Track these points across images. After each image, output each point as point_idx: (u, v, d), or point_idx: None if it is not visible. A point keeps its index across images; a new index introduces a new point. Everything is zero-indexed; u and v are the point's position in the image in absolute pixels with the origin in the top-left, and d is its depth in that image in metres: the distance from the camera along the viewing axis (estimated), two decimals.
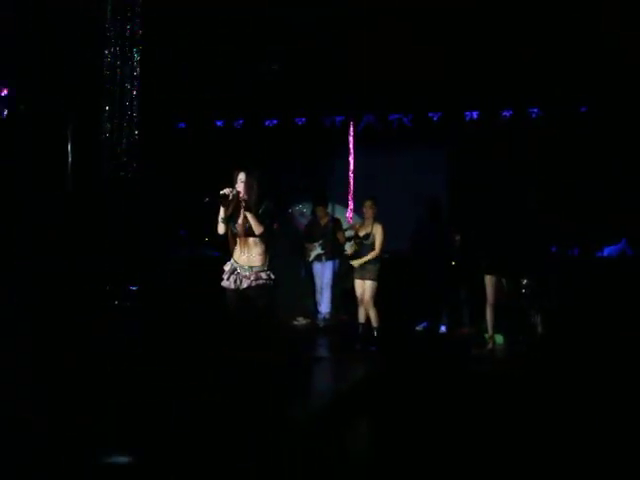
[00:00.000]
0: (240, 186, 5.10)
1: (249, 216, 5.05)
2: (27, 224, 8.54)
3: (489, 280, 7.12)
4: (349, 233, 8.53)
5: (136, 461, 3.87)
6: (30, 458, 3.80)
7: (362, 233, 7.44)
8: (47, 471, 3.67)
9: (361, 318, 7.52)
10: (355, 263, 7.39)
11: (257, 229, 5.06)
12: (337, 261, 8.81)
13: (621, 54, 7.56)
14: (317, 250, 8.71)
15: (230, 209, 5.13)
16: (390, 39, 7.91)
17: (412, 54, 8.00)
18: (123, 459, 3.94)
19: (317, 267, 8.82)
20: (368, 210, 7.46)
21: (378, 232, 7.33)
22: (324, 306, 8.77)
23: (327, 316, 8.74)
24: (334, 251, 8.76)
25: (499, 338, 7.75)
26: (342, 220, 9.06)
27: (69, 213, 7.93)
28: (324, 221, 8.85)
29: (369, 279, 7.34)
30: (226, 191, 5.04)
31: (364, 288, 7.42)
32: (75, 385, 5.45)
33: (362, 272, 7.40)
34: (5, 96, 8.50)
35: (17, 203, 8.72)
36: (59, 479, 3.61)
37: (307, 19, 7.66)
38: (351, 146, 8.00)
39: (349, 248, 7.66)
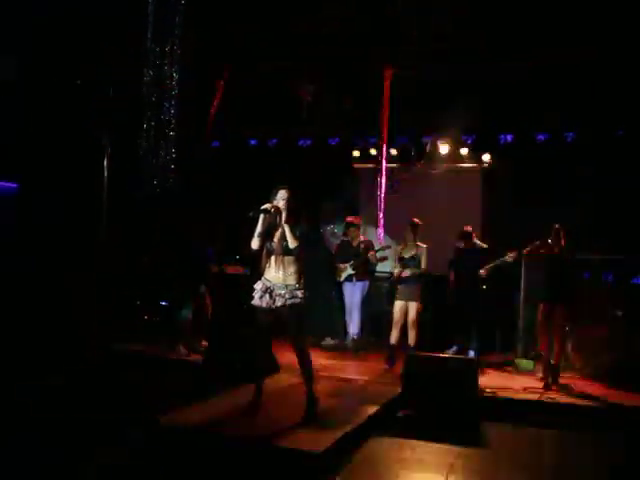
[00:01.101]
0: (280, 203, 5.14)
1: (287, 230, 5.07)
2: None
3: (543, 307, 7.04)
4: (381, 253, 8.51)
5: None
6: None
7: (407, 255, 7.53)
8: None
9: (393, 340, 7.53)
10: (405, 273, 7.52)
11: (293, 243, 5.07)
12: (367, 282, 8.80)
13: None
14: (348, 270, 8.70)
15: (266, 225, 5.16)
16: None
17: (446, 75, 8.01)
18: None
19: (348, 287, 8.80)
20: (410, 233, 7.57)
21: (423, 253, 7.48)
22: (353, 327, 8.73)
23: (356, 337, 8.70)
24: (365, 272, 8.76)
25: (529, 364, 7.66)
26: (373, 241, 9.04)
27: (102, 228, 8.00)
28: (356, 242, 8.85)
29: (414, 300, 7.48)
30: (267, 206, 5.09)
31: (406, 309, 7.49)
32: None
33: (407, 294, 7.49)
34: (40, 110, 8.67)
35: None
36: None
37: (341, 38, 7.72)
38: (383, 167, 7.99)
39: (395, 270, 7.69)
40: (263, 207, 5.13)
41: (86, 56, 7.92)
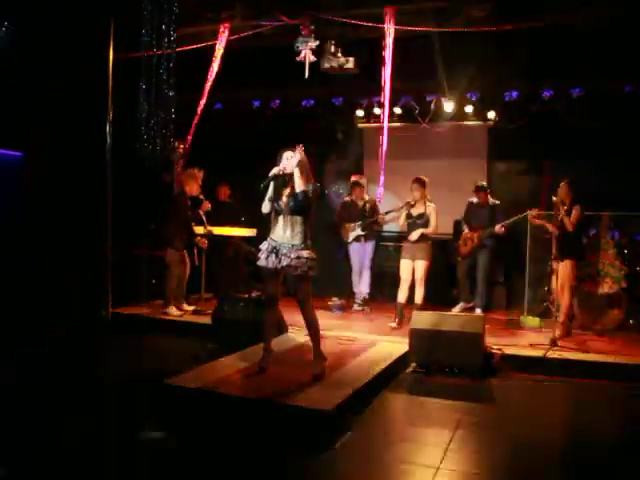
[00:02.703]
0: (286, 163, 5.11)
1: (296, 174, 5.04)
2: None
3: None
4: (392, 215, 8.45)
5: None
6: None
7: (416, 213, 7.56)
8: None
9: (400, 298, 7.60)
10: (412, 237, 7.52)
11: (300, 186, 5.04)
12: (374, 242, 8.81)
13: None
14: (357, 231, 8.68)
15: (273, 187, 5.15)
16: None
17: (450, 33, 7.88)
18: None
19: (355, 248, 8.80)
20: (415, 192, 7.57)
21: (432, 212, 7.49)
22: (364, 287, 8.78)
23: (366, 297, 8.76)
24: (373, 232, 8.76)
25: (535, 321, 7.70)
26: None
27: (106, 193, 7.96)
28: (361, 202, 8.83)
29: (421, 259, 7.52)
30: (275, 170, 5.08)
31: (412, 268, 7.51)
32: None
33: (413, 252, 7.53)
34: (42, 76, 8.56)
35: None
36: None
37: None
38: (385, 124, 7.91)
39: (402, 220, 7.74)
40: (271, 174, 5.12)
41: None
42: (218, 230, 8.48)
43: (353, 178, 9.23)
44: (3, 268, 7.73)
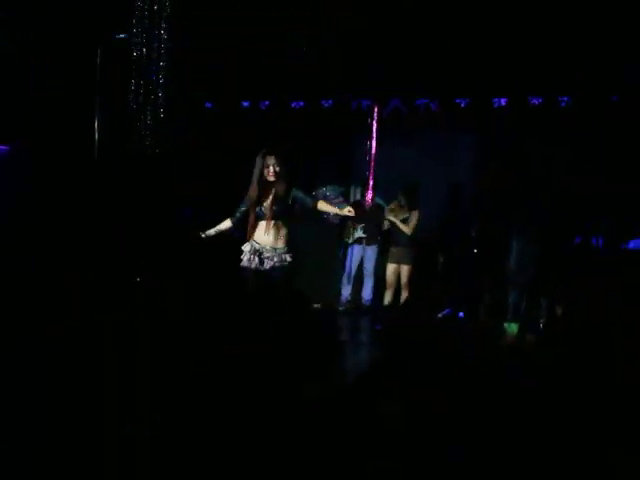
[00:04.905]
0: (270, 171, 5.09)
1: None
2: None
3: None
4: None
5: None
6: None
7: (400, 217, 7.65)
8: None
9: (386, 302, 7.68)
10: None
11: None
12: (377, 247, 8.64)
13: None
14: (358, 233, 8.52)
15: (257, 192, 5.15)
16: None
17: (439, 38, 7.92)
18: None
19: (355, 250, 8.59)
20: (404, 198, 7.68)
21: (414, 215, 7.63)
22: (367, 293, 8.55)
23: (369, 303, 8.60)
24: (376, 237, 8.62)
25: (512, 327, 7.70)
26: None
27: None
28: (368, 204, 8.74)
29: (407, 263, 7.65)
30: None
31: (398, 273, 7.66)
32: None
33: (399, 257, 7.68)
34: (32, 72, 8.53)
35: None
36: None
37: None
38: (374, 129, 7.94)
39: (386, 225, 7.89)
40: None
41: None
42: None
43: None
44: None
